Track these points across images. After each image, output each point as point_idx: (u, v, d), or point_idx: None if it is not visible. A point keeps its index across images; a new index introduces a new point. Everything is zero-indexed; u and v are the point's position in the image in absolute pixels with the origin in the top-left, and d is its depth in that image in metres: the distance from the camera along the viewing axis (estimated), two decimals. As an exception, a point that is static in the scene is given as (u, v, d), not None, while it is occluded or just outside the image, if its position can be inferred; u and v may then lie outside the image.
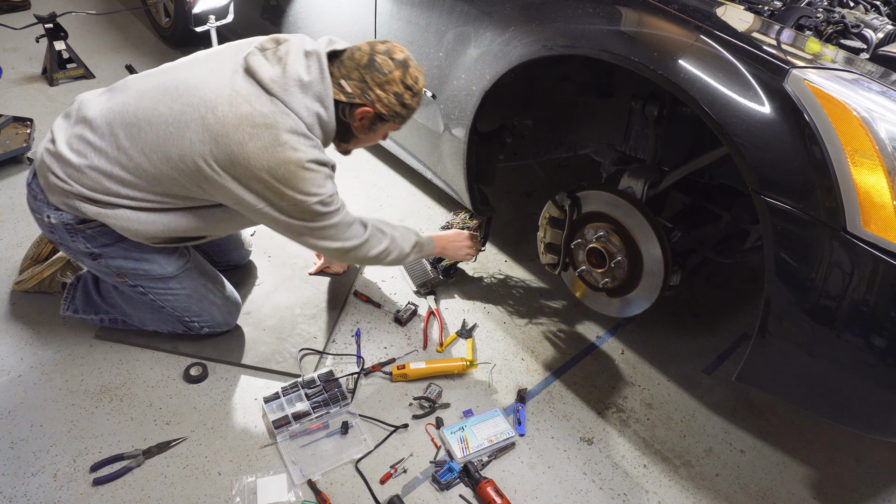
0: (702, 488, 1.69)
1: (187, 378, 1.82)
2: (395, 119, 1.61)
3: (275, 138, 1.43)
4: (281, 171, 1.46)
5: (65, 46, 3.25)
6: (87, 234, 1.64)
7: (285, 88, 1.46)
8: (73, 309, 1.90)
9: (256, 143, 1.43)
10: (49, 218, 1.63)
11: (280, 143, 1.44)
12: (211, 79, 1.49)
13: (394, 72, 1.53)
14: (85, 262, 1.72)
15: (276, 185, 1.48)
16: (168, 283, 1.76)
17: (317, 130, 1.52)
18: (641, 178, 1.79)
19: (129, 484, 1.57)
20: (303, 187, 1.49)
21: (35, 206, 1.66)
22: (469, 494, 1.61)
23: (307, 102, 1.48)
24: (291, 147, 1.45)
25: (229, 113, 1.44)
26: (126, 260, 1.69)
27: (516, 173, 2.86)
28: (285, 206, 1.52)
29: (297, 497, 1.56)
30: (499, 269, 2.35)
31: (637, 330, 2.14)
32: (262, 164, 1.45)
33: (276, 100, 1.45)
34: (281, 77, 1.46)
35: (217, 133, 1.44)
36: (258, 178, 1.47)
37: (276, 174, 1.46)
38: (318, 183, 1.51)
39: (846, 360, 1.31)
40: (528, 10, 1.68)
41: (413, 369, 1.86)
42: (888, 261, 1.17)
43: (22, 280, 1.97)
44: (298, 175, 1.47)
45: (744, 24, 1.52)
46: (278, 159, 1.44)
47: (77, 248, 1.67)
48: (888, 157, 1.17)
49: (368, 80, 1.53)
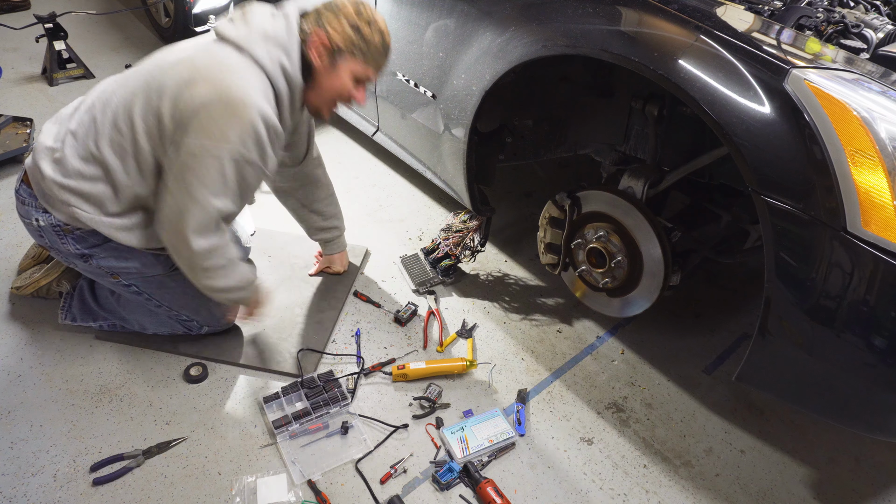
0: (702, 488, 1.69)
1: (187, 378, 1.82)
2: (354, 51, 1.54)
3: (226, 78, 1.43)
4: (218, 106, 1.41)
5: (65, 46, 3.25)
6: (77, 235, 1.65)
7: (249, 39, 1.47)
8: (70, 317, 1.90)
9: (206, 81, 1.42)
10: (37, 221, 1.64)
11: (231, 82, 1.42)
12: (178, 48, 1.55)
13: (348, 7, 1.54)
14: (77, 264, 1.72)
15: (203, 119, 1.42)
16: (162, 280, 1.76)
17: (280, 82, 1.50)
18: (641, 178, 1.79)
19: (129, 484, 1.57)
20: (227, 131, 1.42)
21: (23, 212, 1.68)
22: (469, 494, 1.61)
23: (269, 50, 1.48)
24: (241, 88, 1.42)
25: (187, 59, 1.48)
26: (118, 260, 1.69)
27: (516, 173, 2.86)
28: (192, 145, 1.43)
29: (297, 497, 1.56)
30: (499, 269, 2.35)
31: (637, 330, 2.14)
32: (203, 96, 1.41)
33: (241, 51, 1.47)
34: (246, 33, 1.49)
35: (173, 75, 1.47)
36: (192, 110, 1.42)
37: (212, 110, 1.41)
38: (246, 140, 1.44)
39: (846, 360, 1.31)
40: (528, 10, 1.68)
41: (413, 369, 1.86)
42: (888, 261, 1.17)
43: (20, 287, 1.97)
44: (234, 116, 1.41)
45: (744, 24, 1.52)
46: (223, 95, 1.41)
47: (68, 250, 1.67)
48: (888, 157, 1.17)
49: (323, 14, 1.53)
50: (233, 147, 1.44)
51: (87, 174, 1.57)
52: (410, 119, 2.26)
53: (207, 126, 1.43)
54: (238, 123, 1.43)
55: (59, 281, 1.96)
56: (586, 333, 2.12)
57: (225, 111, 1.42)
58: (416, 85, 2.13)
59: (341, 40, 1.53)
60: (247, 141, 1.45)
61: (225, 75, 1.44)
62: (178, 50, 1.55)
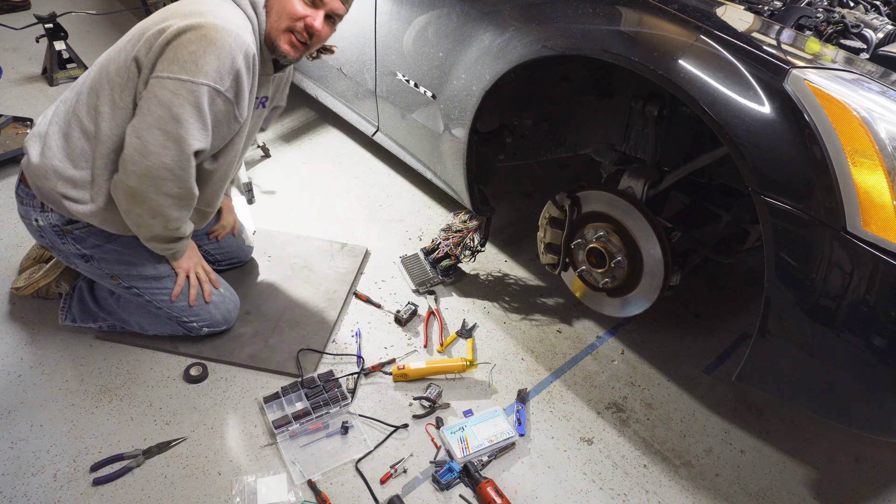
0: (702, 488, 1.69)
1: (187, 378, 1.82)
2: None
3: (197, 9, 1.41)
4: (191, 34, 1.37)
5: (65, 46, 3.25)
6: (76, 236, 1.65)
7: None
8: (70, 318, 1.90)
9: (179, 18, 1.41)
10: (37, 221, 1.64)
11: (201, 11, 1.41)
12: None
13: None
14: (78, 264, 1.72)
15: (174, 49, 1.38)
16: (162, 282, 1.76)
17: (248, 9, 1.49)
18: (641, 178, 1.79)
19: (129, 484, 1.57)
20: (199, 57, 1.36)
21: (23, 212, 1.68)
22: (469, 494, 1.61)
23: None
24: (213, 18, 1.39)
25: (164, 11, 1.47)
26: (118, 262, 1.70)
27: (516, 173, 2.86)
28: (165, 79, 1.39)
29: (297, 497, 1.56)
30: (499, 269, 2.35)
31: (637, 330, 2.14)
32: (176, 29, 1.39)
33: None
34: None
35: (146, 26, 1.46)
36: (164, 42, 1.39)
37: (182, 38, 1.37)
38: (219, 68, 1.38)
39: (846, 360, 1.31)
40: (528, 10, 1.68)
41: (413, 369, 1.86)
42: (888, 261, 1.17)
43: (20, 287, 1.97)
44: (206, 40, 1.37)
45: (744, 24, 1.52)
46: (194, 23, 1.38)
47: (68, 250, 1.67)
48: (888, 157, 1.17)
49: None
50: (207, 76, 1.39)
51: (71, 152, 1.56)
52: (410, 119, 2.25)
53: (181, 57, 1.37)
54: (215, 53, 1.38)
55: (58, 282, 1.96)
56: (586, 333, 2.12)
57: (201, 39, 1.37)
58: (416, 85, 2.13)
59: None
60: (221, 72, 1.40)
61: (200, 7, 1.41)
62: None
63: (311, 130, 3.06)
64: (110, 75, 1.51)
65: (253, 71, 1.49)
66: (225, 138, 1.59)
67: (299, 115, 3.18)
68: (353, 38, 2.34)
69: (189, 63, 1.37)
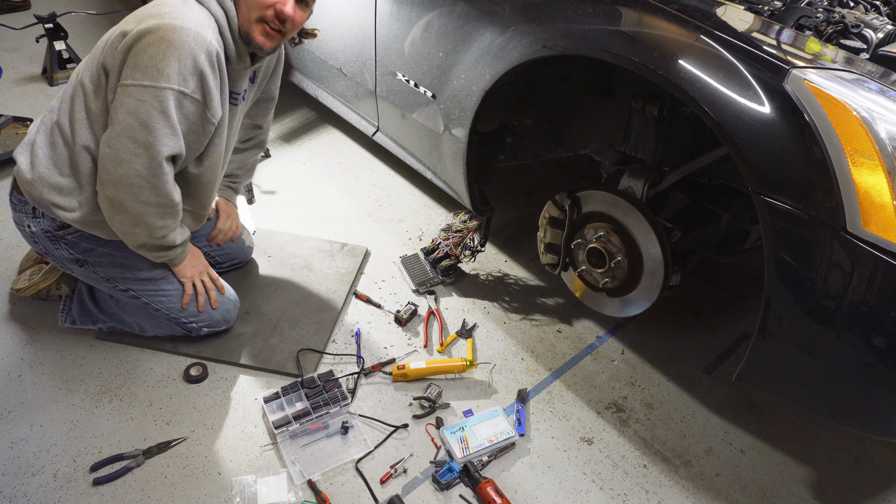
0: (702, 488, 1.69)
1: (187, 378, 1.82)
2: None
3: (158, 11, 1.40)
4: (151, 37, 1.35)
5: (65, 46, 3.25)
6: (69, 241, 1.65)
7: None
8: (70, 320, 1.90)
9: (140, 21, 1.40)
10: (30, 227, 1.65)
11: (161, 12, 1.39)
12: None
13: None
14: (73, 269, 1.72)
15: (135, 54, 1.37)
16: (158, 283, 1.76)
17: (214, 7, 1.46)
18: (641, 178, 1.79)
19: (129, 484, 1.57)
20: (160, 61, 1.34)
21: (17, 219, 1.69)
22: (469, 494, 1.61)
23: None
24: (172, 17, 1.37)
25: (128, 16, 1.46)
26: (112, 266, 1.70)
27: (516, 173, 2.86)
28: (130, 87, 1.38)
29: (297, 497, 1.56)
30: (499, 269, 2.35)
31: (637, 330, 2.14)
32: (137, 32, 1.37)
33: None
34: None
35: (116, 30, 1.45)
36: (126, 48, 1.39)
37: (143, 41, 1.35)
38: (182, 69, 1.36)
39: (846, 360, 1.31)
40: (528, 10, 1.68)
41: (413, 369, 1.86)
42: (888, 261, 1.17)
43: (20, 289, 1.97)
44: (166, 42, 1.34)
45: (744, 24, 1.52)
46: (154, 25, 1.36)
47: (62, 255, 1.68)
48: (888, 157, 1.17)
49: None
50: (169, 81, 1.37)
51: (56, 160, 1.56)
52: (410, 119, 2.25)
53: (142, 62, 1.36)
54: (175, 55, 1.36)
55: (58, 284, 1.96)
56: (586, 333, 2.12)
57: (160, 42, 1.35)
58: (416, 85, 2.13)
59: None
60: (184, 73, 1.38)
61: (160, 10, 1.40)
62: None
63: (311, 130, 3.06)
64: (84, 83, 1.50)
65: (219, 68, 1.46)
66: (202, 140, 1.56)
67: (299, 115, 3.18)
68: (353, 38, 2.34)
69: (150, 68, 1.36)
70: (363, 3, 2.24)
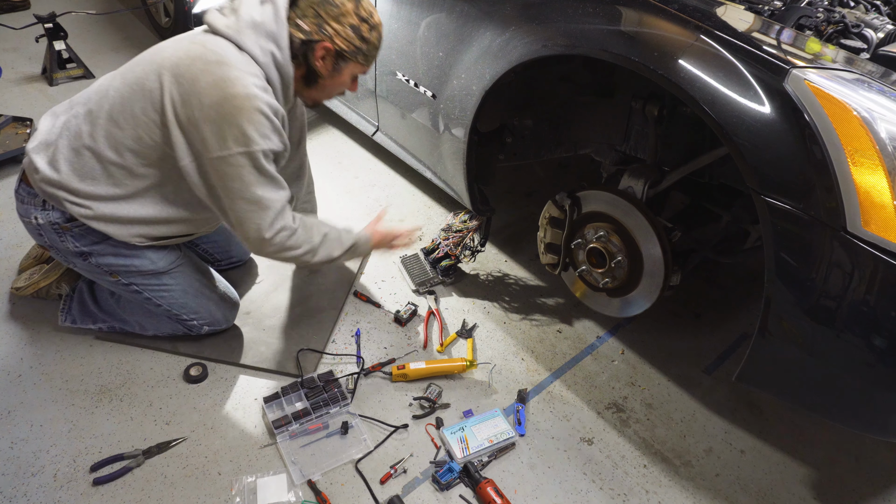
0: (702, 488, 1.69)
1: (187, 378, 1.82)
2: (358, 56, 1.58)
3: (225, 74, 1.44)
4: (227, 107, 1.43)
5: (64, 46, 3.25)
6: (75, 233, 1.65)
7: (238, 31, 1.48)
8: (70, 320, 1.90)
9: (208, 79, 1.44)
10: (36, 219, 1.65)
11: (230, 78, 1.44)
12: (173, 42, 1.56)
13: (346, 4, 1.53)
14: (77, 263, 1.72)
15: (221, 125, 1.45)
16: (161, 278, 1.76)
17: (273, 73, 1.52)
18: (641, 178, 1.79)
19: (129, 484, 1.57)
20: (247, 129, 1.45)
21: (22, 210, 1.68)
22: (469, 494, 1.61)
23: (261, 42, 1.49)
24: (242, 83, 1.44)
25: (183, 55, 1.48)
26: (116, 257, 1.69)
27: (516, 173, 2.86)
28: (224, 157, 1.48)
29: (297, 497, 1.56)
30: (499, 269, 2.35)
31: (637, 330, 2.14)
32: (211, 100, 1.43)
33: (231, 42, 1.48)
34: (235, 22, 1.49)
35: (173, 74, 1.47)
36: (205, 118, 1.45)
37: (222, 110, 1.44)
38: (263, 131, 1.47)
39: (846, 360, 1.31)
40: (528, 10, 1.68)
41: (413, 369, 1.86)
42: (888, 261, 1.17)
43: (20, 287, 1.97)
44: (245, 113, 1.44)
45: (744, 24, 1.52)
46: (226, 94, 1.43)
47: (66, 248, 1.67)
48: (888, 157, 1.17)
49: (323, 14, 1.52)
50: (257, 143, 1.47)
51: (80, 168, 1.57)
52: (410, 119, 2.25)
53: (225, 131, 1.46)
54: (251, 119, 1.45)
55: (58, 283, 1.96)
56: (586, 333, 2.12)
57: (236, 112, 1.44)
58: (416, 85, 2.13)
59: (345, 46, 1.56)
60: (266, 132, 1.49)
61: (224, 70, 1.44)
62: (173, 44, 1.55)
63: (311, 130, 3.06)
64: (135, 114, 1.51)
65: (283, 120, 1.57)
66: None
67: (299, 115, 3.17)
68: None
69: (240, 137, 1.46)
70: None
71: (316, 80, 1.62)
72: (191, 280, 1.81)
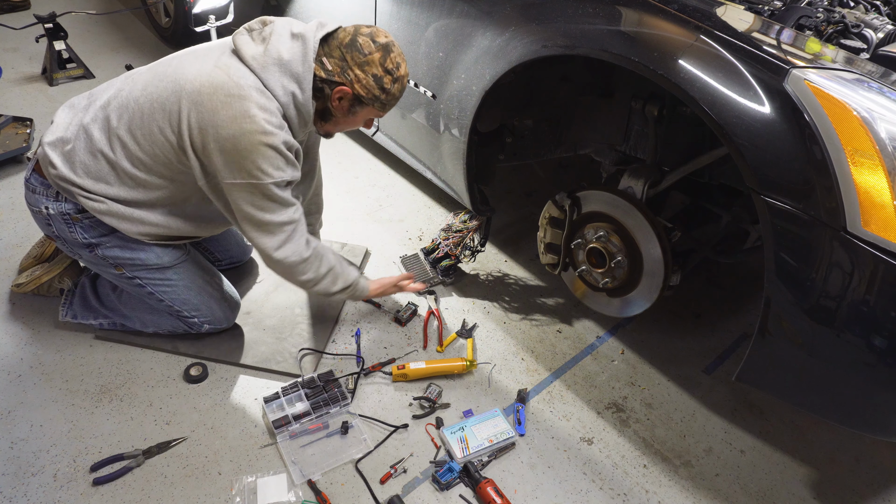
0: (702, 488, 1.69)
1: (187, 378, 1.82)
2: (375, 103, 1.58)
3: (245, 110, 1.45)
4: (244, 142, 1.46)
5: (65, 46, 3.25)
6: (85, 224, 1.66)
7: (264, 66, 1.49)
8: (71, 314, 1.90)
9: (227, 112, 1.45)
10: (47, 209, 1.65)
11: (249, 115, 1.45)
12: (198, 61, 1.55)
13: (374, 53, 1.53)
14: (83, 254, 1.73)
15: (236, 158, 1.48)
16: (165, 273, 1.76)
17: (291, 111, 1.53)
18: (641, 178, 1.79)
19: (129, 484, 1.57)
20: (261, 164, 1.48)
21: (32, 200, 1.68)
22: (469, 494, 1.61)
23: (284, 82, 1.49)
24: (259, 122, 1.46)
25: (206, 82, 1.48)
26: (123, 250, 1.70)
27: (516, 173, 2.86)
28: (237, 184, 1.52)
29: (297, 497, 1.56)
30: (499, 269, 2.35)
31: (637, 330, 2.14)
32: (228, 133, 1.46)
33: (255, 76, 1.49)
34: (262, 55, 1.49)
35: (193, 100, 1.48)
36: (221, 149, 1.48)
37: (238, 144, 1.46)
38: (278, 165, 1.51)
39: (846, 360, 1.31)
40: (528, 10, 1.68)
41: (413, 369, 1.86)
42: (888, 261, 1.17)
43: (21, 283, 1.97)
44: (260, 150, 1.47)
45: (744, 24, 1.52)
46: (244, 129, 1.45)
47: (75, 238, 1.68)
48: (888, 157, 1.17)
49: (349, 59, 1.53)
50: (270, 176, 1.51)
51: (96, 172, 1.59)
52: (410, 119, 2.26)
53: (240, 163, 1.49)
54: (265, 154, 1.48)
55: (60, 278, 1.96)
56: (586, 333, 2.12)
57: (251, 147, 1.47)
58: (416, 85, 2.13)
59: (365, 93, 1.56)
60: (280, 165, 1.52)
61: (244, 106, 1.45)
62: (198, 65, 1.53)
63: (311, 130, 3.05)
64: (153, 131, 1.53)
65: (298, 154, 1.59)
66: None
67: (299, 115, 3.17)
68: (353, 38, 2.33)
69: (254, 170, 1.49)
70: (363, 3, 2.24)
71: (330, 117, 1.64)
72: (194, 277, 1.81)
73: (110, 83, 1.66)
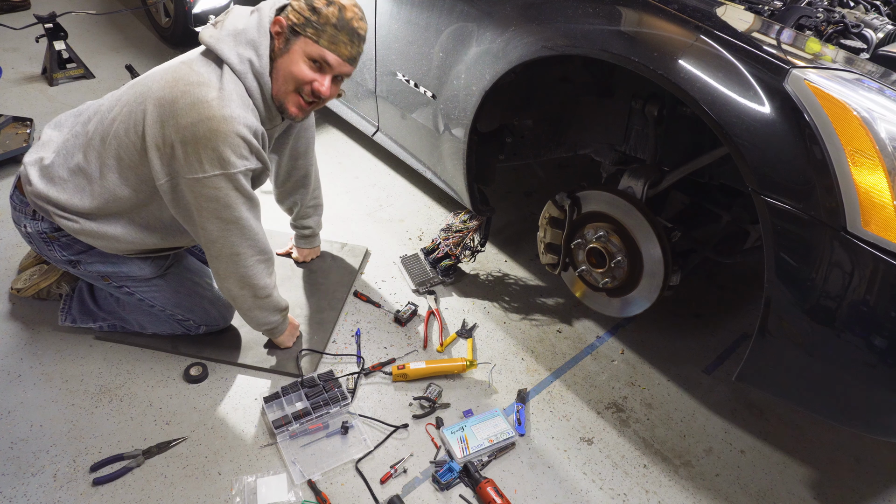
0: (702, 488, 1.69)
1: (187, 378, 1.82)
2: (307, 29, 1.47)
3: (202, 95, 1.43)
4: (203, 128, 1.42)
5: (65, 46, 3.25)
6: (62, 243, 1.67)
7: (219, 39, 1.49)
8: (70, 319, 1.90)
9: (186, 100, 1.44)
10: (25, 228, 1.68)
11: (208, 99, 1.43)
12: (169, 63, 1.56)
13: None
14: (68, 270, 1.74)
15: (195, 148, 1.43)
16: (151, 282, 1.77)
17: (251, 81, 1.50)
18: (641, 178, 1.79)
19: (129, 484, 1.57)
20: (223, 151, 1.44)
21: (15, 217, 1.71)
22: (469, 494, 1.61)
23: (238, 49, 1.48)
24: (219, 104, 1.43)
25: (171, 78, 1.48)
26: (105, 265, 1.71)
27: (516, 173, 2.86)
28: (194, 180, 1.47)
29: (297, 497, 1.56)
30: (499, 269, 2.35)
31: (637, 330, 2.14)
32: (187, 121, 1.42)
33: (211, 62, 1.48)
34: (217, 32, 1.50)
35: (156, 97, 1.47)
36: (180, 139, 1.44)
37: (197, 131, 1.42)
38: (241, 152, 1.46)
39: (846, 360, 1.31)
40: (528, 10, 1.68)
41: (413, 369, 1.86)
42: (888, 261, 1.17)
43: (20, 289, 1.97)
44: (220, 136, 1.42)
45: (744, 24, 1.52)
46: (203, 115, 1.42)
47: (55, 256, 1.70)
48: (888, 157, 1.17)
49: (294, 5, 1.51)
50: (234, 166, 1.47)
51: (73, 187, 1.59)
52: (410, 119, 2.25)
53: (201, 154, 1.44)
54: (227, 141, 1.44)
55: (58, 283, 1.97)
56: (586, 333, 2.12)
57: (211, 134, 1.43)
58: (416, 85, 2.13)
59: (295, 18, 1.49)
60: (243, 153, 1.48)
61: (203, 92, 1.43)
62: (167, 65, 1.56)
63: (311, 130, 3.06)
64: (119, 134, 1.53)
65: (263, 139, 1.56)
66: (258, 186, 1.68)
67: (299, 115, 3.17)
68: (353, 38, 2.33)
69: (215, 160, 1.45)
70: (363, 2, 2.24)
71: (273, 63, 1.53)
72: (182, 280, 1.82)
73: (102, 101, 1.66)
